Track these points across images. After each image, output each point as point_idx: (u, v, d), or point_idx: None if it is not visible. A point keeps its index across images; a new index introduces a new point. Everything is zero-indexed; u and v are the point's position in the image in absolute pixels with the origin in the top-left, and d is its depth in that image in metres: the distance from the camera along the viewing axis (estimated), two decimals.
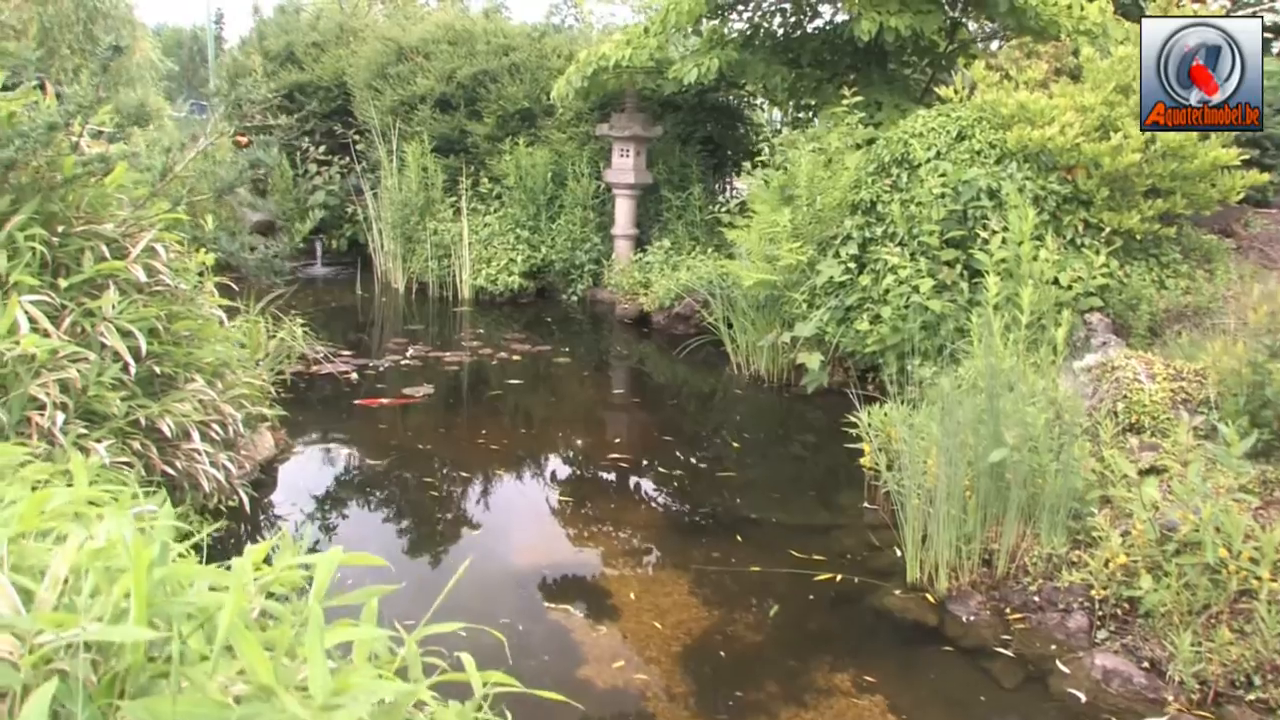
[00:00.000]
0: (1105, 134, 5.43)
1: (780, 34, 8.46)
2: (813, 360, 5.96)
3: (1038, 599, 3.35)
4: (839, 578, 3.63)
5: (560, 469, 5.06)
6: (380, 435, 5.24)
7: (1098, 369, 4.28)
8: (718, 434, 5.54)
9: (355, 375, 6.22)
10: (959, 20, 7.93)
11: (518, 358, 7.04)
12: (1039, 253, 4.88)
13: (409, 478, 4.64)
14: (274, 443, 4.60)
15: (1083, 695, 2.90)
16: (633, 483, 4.75)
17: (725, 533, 4.07)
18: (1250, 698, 2.77)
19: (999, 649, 3.16)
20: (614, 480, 4.77)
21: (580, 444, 5.46)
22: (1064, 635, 3.19)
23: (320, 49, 11.24)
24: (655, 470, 4.86)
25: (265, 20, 12.32)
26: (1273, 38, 8.87)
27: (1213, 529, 2.92)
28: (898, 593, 3.52)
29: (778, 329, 6.36)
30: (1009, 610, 3.36)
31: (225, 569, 1.07)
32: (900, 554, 3.72)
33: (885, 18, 6.63)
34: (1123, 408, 3.98)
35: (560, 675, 2.93)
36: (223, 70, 12.51)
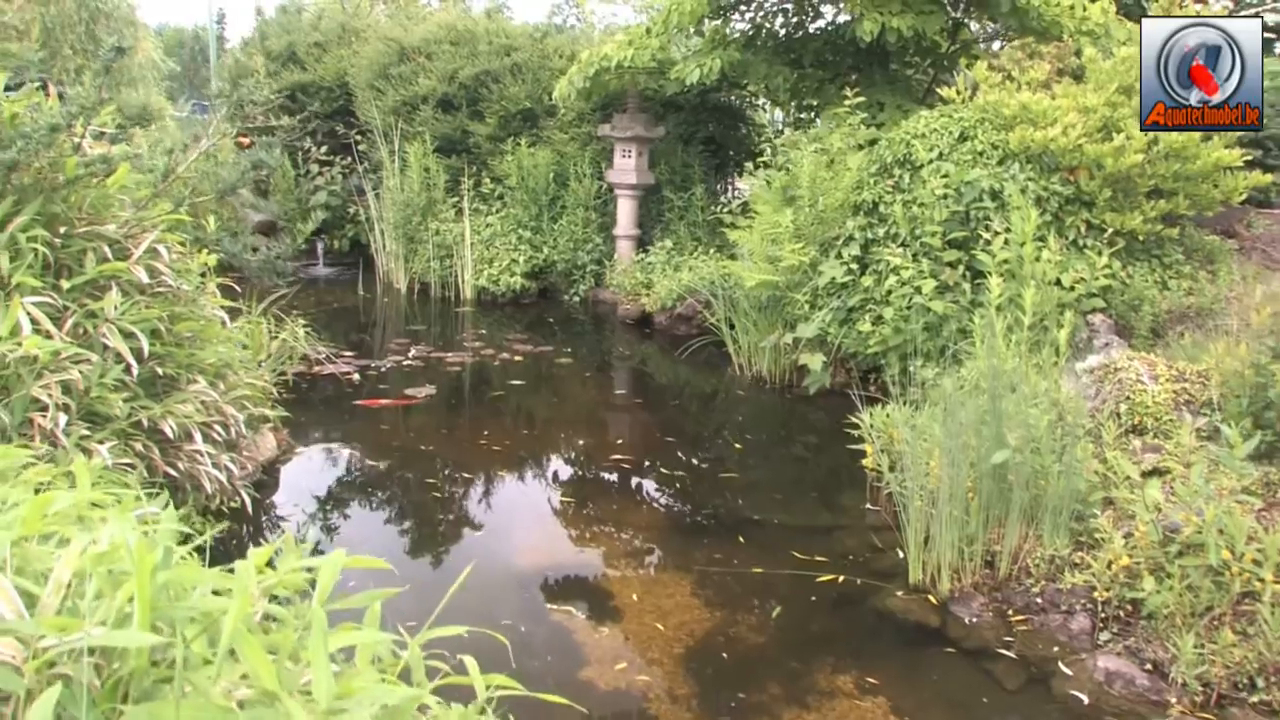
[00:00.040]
0: (1108, 135, 5.43)
1: (782, 34, 8.46)
2: (815, 361, 5.96)
3: (1040, 600, 3.35)
4: (841, 579, 3.63)
5: (562, 470, 5.06)
6: (382, 436, 5.24)
7: (1100, 370, 4.28)
8: (720, 435, 5.54)
9: (357, 376, 6.22)
10: (961, 21, 7.92)
11: (520, 358, 7.04)
12: (1041, 254, 4.87)
13: (411, 478, 4.64)
14: (276, 444, 4.61)
15: (1085, 697, 2.89)
16: (635, 484, 4.75)
17: (727, 534, 4.07)
18: (1253, 700, 2.76)
19: (1001, 650, 3.15)
20: (616, 481, 4.77)
21: (582, 445, 5.46)
22: (1066, 637, 3.18)
23: (322, 49, 11.25)
24: (657, 471, 4.85)
25: (267, 20, 12.31)
26: (1273, 38, 8.85)
27: (1216, 531, 2.92)
28: (900, 594, 3.52)
29: (780, 330, 6.36)
30: (1011, 612, 3.36)
31: (228, 572, 1.06)
32: (903, 555, 3.72)
33: (887, 18, 6.63)
34: (1125, 409, 3.98)
35: (562, 677, 2.93)
36: (225, 71, 12.51)
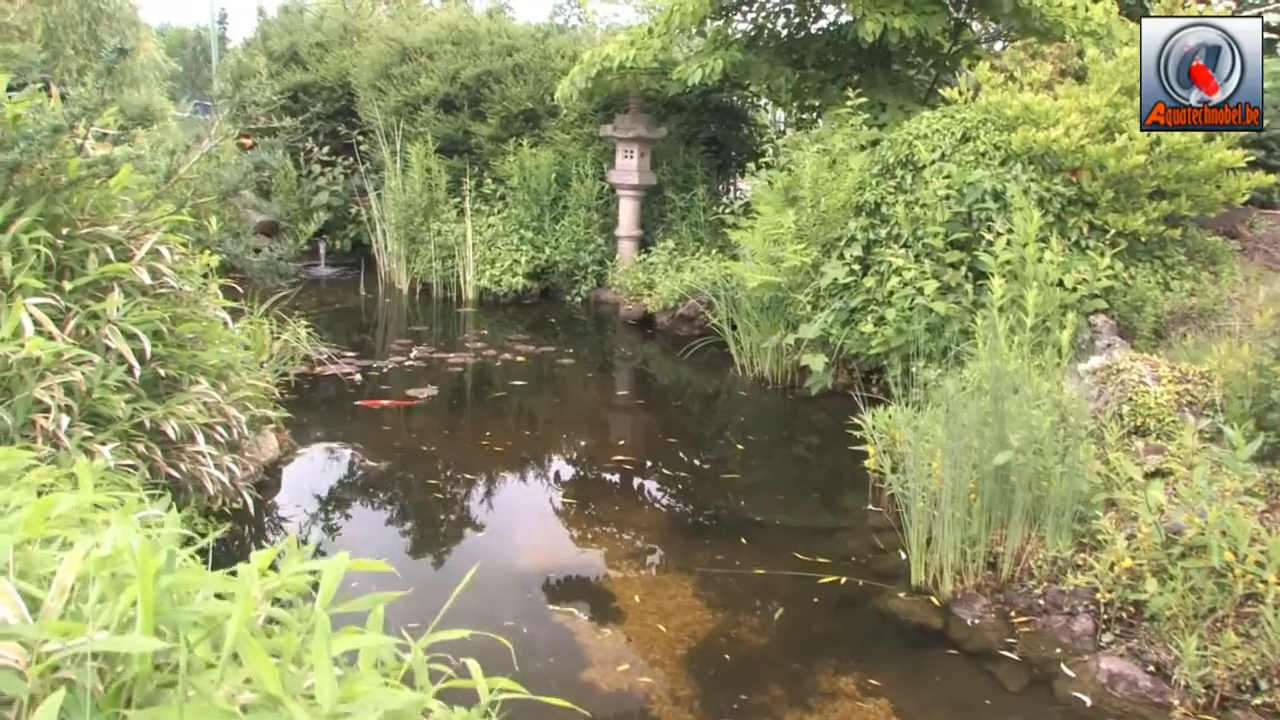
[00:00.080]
0: (1110, 136, 5.42)
1: (784, 35, 8.45)
2: (817, 362, 5.95)
3: (1043, 602, 3.34)
4: (843, 580, 3.63)
5: (564, 471, 5.06)
6: (384, 437, 5.24)
7: (1103, 371, 4.27)
8: (722, 436, 5.54)
9: (359, 376, 6.23)
10: (963, 21, 7.91)
11: (521, 359, 7.04)
12: (1044, 255, 4.87)
13: (413, 479, 4.64)
14: (278, 444, 4.61)
15: (1088, 699, 2.89)
16: (637, 484, 4.75)
17: (729, 535, 4.07)
18: (1256, 702, 2.76)
19: (1004, 652, 3.15)
20: (618, 482, 4.77)
21: (584, 446, 5.45)
22: (1069, 639, 3.18)
23: (324, 49, 11.26)
24: (659, 472, 4.85)
25: (269, 20, 12.32)
26: (1274, 38, 8.84)
27: (1218, 532, 2.91)
28: (902, 595, 3.52)
29: (782, 331, 6.36)
30: (1014, 613, 3.36)
31: (231, 575, 1.06)
32: (905, 557, 3.71)
33: (889, 19, 6.62)
34: (1128, 410, 3.97)
35: (565, 678, 2.93)
36: (227, 71, 12.51)
